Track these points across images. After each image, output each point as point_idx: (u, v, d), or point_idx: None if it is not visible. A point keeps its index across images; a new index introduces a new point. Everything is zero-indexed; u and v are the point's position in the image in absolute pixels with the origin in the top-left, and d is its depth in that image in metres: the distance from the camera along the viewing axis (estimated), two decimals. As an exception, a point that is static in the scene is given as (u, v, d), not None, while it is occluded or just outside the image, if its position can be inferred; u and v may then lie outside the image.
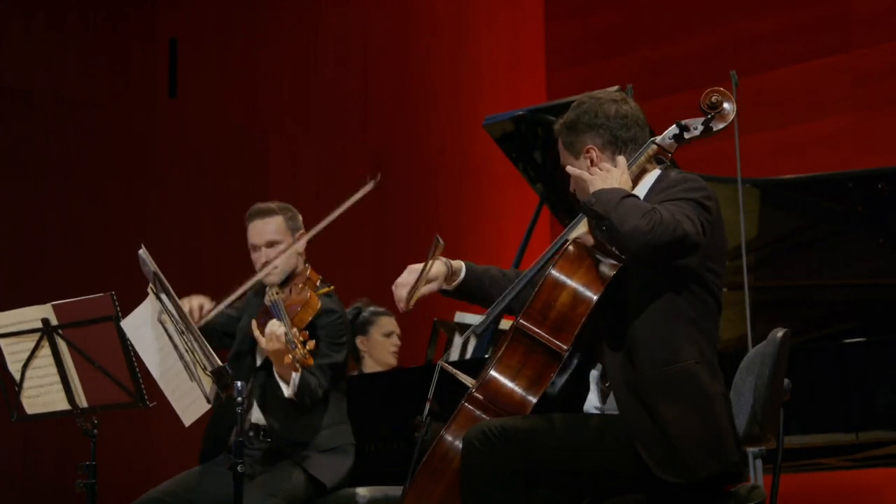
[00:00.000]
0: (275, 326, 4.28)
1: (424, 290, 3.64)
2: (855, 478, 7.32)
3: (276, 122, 8.44)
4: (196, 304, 4.54)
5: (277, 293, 4.50)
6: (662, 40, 8.83)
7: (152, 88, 7.90)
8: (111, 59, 7.76)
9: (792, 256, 5.77)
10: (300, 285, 4.55)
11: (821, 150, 7.96)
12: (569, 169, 3.58)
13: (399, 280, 3.66)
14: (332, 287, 4.69)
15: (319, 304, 4.44)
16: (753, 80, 7.60)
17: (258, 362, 4.63)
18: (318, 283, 4.60)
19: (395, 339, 6.34)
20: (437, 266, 3.67)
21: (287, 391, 4.41)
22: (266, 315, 4.46)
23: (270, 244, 4.69)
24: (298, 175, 8.47)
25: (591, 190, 3.42)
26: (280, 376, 4.43)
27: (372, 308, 6.36)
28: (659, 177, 3.55)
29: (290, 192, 8.32)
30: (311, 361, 4.16)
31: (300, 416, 4.53)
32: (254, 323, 4.43)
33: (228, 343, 4.75)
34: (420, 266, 3.64)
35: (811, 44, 8.20)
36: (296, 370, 4.30)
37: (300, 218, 4.79)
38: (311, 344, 4.18)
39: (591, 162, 3.55)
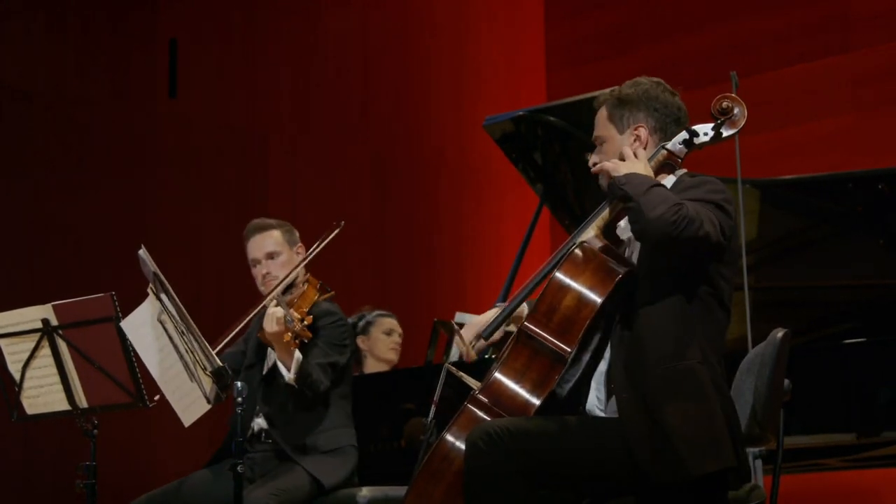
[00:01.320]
0: (273, 309, 4.35)
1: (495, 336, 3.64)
2: (855, 478, 7.33)
3: (275, 122, 8.43)
4: None
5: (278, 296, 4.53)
6: (662, 41, 8.83)
7: (152, 89, 7.90)
8: (111, 59, 7.76)
9: (792, 257, 5.77)
10: (300, 285, 4.60)
11: (821, 151, 7.96)
12: (598, 166, 3.52)
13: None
14: (332, 293, 4.71)
15: (316, 295, 4.47)
16: (753, 80, 7.60)
17: (264, 370, 4.65)
18: (317, 287, 4.63)
19: (395, 337, 6.36)
20: (494, 312, 3.68)
21: (287, 376, 4.43)
22: None
23: (270, 255, 4.74)
24: (298, 175, 8.47)
25: (622, 172, 3.41)
26: (281, 361, 4.45)
27: (375, 311, 6.40)
28: (678, 180, 3.55)
29: (290, 192, 8.33)
30: (308, 335, 4.25)
31: (302, 417, 4.55)
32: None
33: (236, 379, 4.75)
34: (479, 318, 3.66)
35: (811, 44, 8.20)
36: (294, 346, 4.34)
37: (297, 233, 4.84)
38: (308, 319, 4.25)
39: (637, 139, 3.54)
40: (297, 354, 4.41)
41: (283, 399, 4.59)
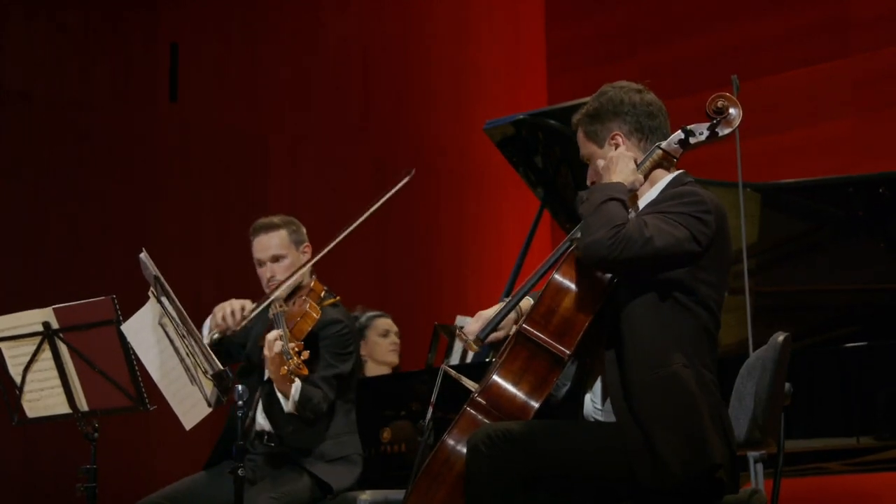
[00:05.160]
0: (272, 335, 4.32)
1: (499, 333, 3.62)
2: (855, 482, 7.32)
3: (276, 124, 8.43)
4: (238, 305, 4.53)
5: (281, 306, 4.51)
6: (663, 44, 8.84)
7: (153, 92, 7.90)
8: (112, 62, 7.76)
9: (793, 261, 5.76)
10: (303, 297, 4.57)
11: (821, 155, 7.96)
12: (597, 163, 3.56)
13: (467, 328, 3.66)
14: (337, 298, 4.70)
15: (318, 315, 4.46)
16: (754, 84, 7.60)
17: (265, 375, 4.62)
18: (322, 295, 4.62)
19: (392, 338, 6.34)
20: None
21: (287, 405, 4.42)
22: (270, 328, 4.48)
23: (275, 258, 4.71)
24: (298, 178, 8.47)
25: (607, 175, 3.46)
26: (280, 391, 4.44)
27: (368, 313, 6.36)
28: (672, 181, 3.55)
29: (290, 194, 8.32)
30: (304, 371, 4.20)
31: (306, 426, 4.53)
32: (265, 334, 4.45)
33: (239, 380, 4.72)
34: (490, 312, 3.63)
35: (812, 48, 8.20)
36: (291, 381, 4.32)
37: (304, 230, 4.80)
38: (305, 354, 4.21)
39: (616, 147, 3.56)
40: (297, 384, 4.39)
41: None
